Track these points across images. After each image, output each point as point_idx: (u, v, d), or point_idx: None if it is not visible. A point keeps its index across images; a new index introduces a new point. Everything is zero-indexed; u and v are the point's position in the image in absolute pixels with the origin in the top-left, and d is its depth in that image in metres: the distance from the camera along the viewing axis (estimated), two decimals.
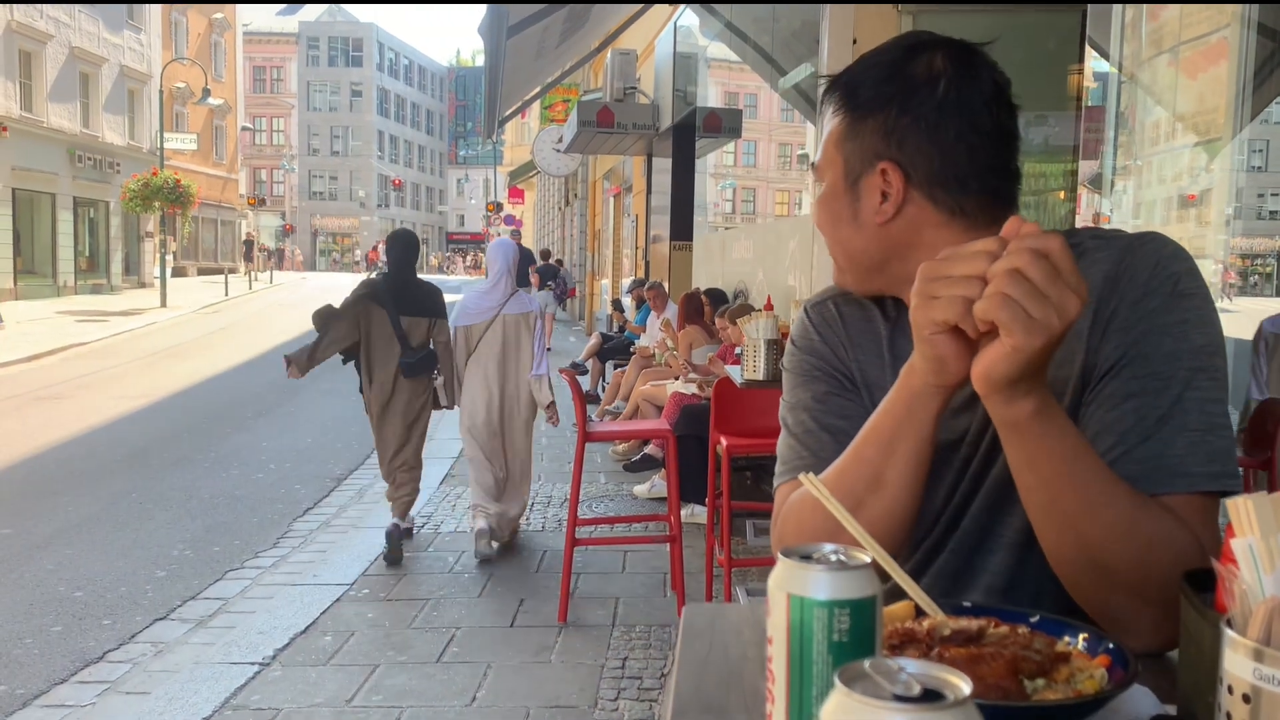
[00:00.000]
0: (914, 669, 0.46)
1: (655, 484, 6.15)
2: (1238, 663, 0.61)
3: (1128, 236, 1.06)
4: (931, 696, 0.43)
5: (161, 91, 25.88)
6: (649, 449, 6.88)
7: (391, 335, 5.02)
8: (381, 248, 5.64)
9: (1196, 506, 0.96)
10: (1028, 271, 0.78)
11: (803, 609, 0.59)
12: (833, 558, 0.61)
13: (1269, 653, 0.59)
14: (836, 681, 0.44)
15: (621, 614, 4.14)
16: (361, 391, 5.16)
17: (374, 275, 5.47)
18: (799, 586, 0.60)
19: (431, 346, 5.16)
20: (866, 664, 0.46)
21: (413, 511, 5.30)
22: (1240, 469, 1.00)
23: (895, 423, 0.95)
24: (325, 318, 5.00)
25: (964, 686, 0.44)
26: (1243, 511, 0.66)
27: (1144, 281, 1.01)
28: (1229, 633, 0.62)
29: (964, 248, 0.83)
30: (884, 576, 1.09)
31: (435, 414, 5.36)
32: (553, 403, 4.99)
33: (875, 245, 1.09)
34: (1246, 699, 0.60)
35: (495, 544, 4.95)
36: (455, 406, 5.15)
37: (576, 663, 3.64)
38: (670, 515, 4.21)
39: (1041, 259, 0.78)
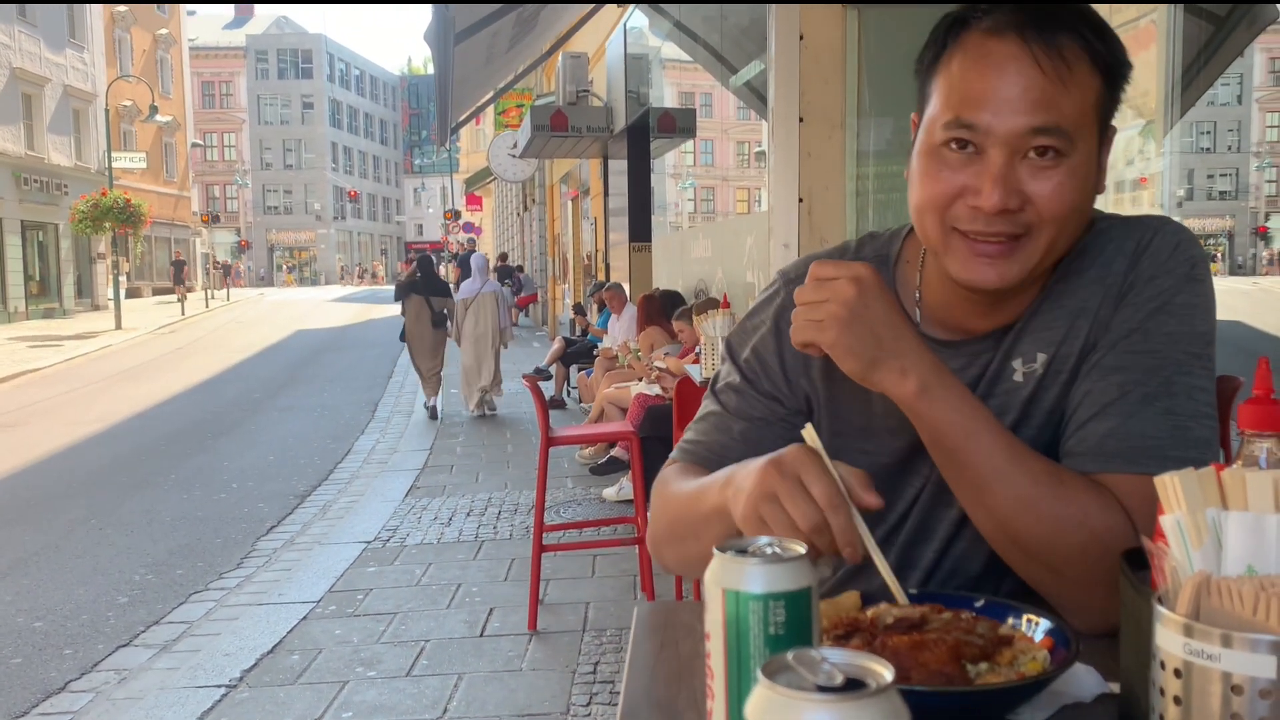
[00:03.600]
0: (837, 658, 0.46)
1: (623, 486, 6.13)
2: (1169, 638, 0.62)
3: (1143, 218, 1.06)
4: (854, 685, 0.43)
5: (107, 110, 25.36)
6: (615, 452, 6.86)
7: (420, 307, 9.57)
8: (413, 265, 9.17)
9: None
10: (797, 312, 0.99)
11: (738, 603, 0.59)
12: (767, 550, 0.62)
13: (1198, 627, 0.60)
14: (759, 675, 0.44)
15: (592, 619, 4.13)
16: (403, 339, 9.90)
17: (410, 277, 10.00)
18: (733, 581, 0.59)
19: (445, 312, 9.69)
20: (789, 655, 0.46)
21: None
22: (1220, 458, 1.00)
23: (714, 517, 0.97)
24: (397, 291, 10.01)
25: (886, 674, 0.44)
26: (1170, 488, 0.67)
27: (1164, 260, 1.01)
28: (1160, 609, 0.63)
29: None
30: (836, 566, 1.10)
31: (397, 433, 8.77)
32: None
33: None
34: (1178, 673, 0.61)
35: (487, 410, 9.71)
36: (456, 341, 9.68)
37: (547, 670, 3.62)
38: (638, 517, 4.21)
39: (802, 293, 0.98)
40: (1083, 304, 1.02)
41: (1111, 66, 0.97)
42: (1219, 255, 43.00)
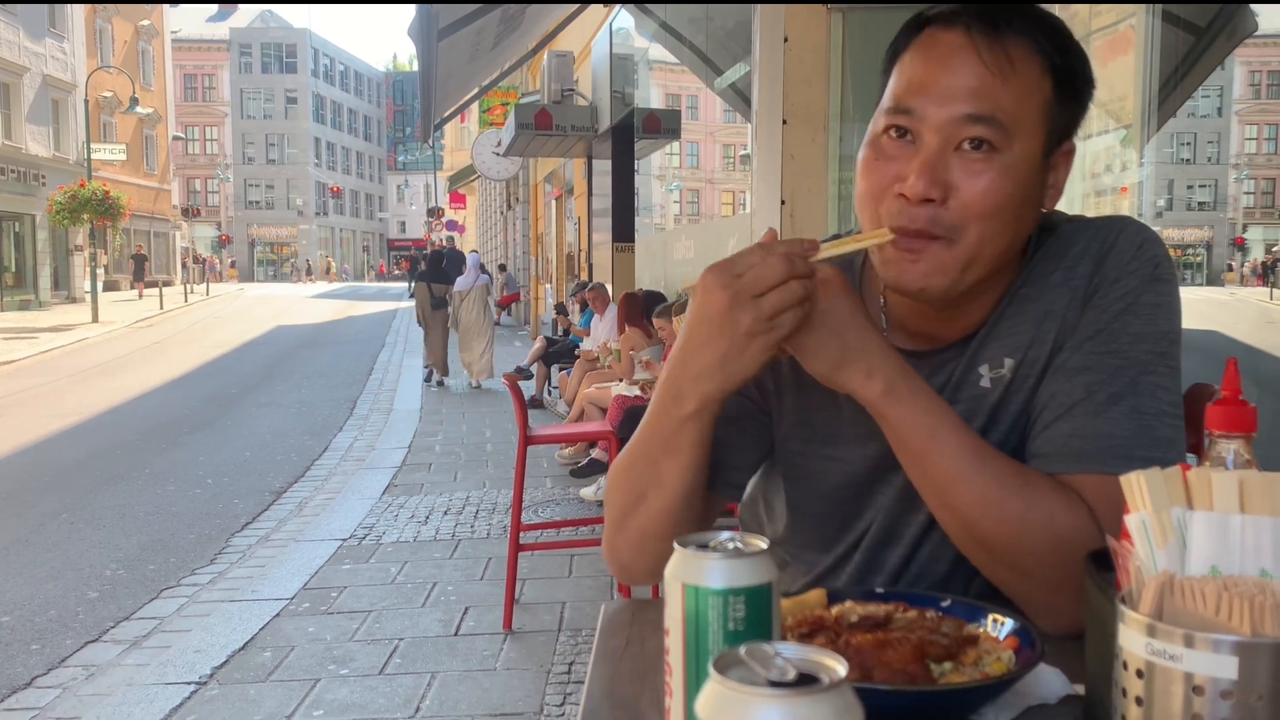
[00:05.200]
0: (790, 653, 0.45)
1: (601, 486, 6.12)
2: (1131, 638, 0.61)
3: (1106, 219, 1.06)
4: (807, 681, 0.43)
5: (87, 101, 25.15)
6: (595, 452, 6.85)
7: (428, 293, 12.01)
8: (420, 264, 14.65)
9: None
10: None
11: (698, 598, 0.58)
12: (728, 545, 0.61)
13: (1160, 627, 0.60)
14: (711, 670, 0.43)
15: (568, 618, 4.11)
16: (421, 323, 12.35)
17: (418, 267, 13.60)
18: (693, 576, 0.59)
19: (446, 298, 11.91)
20: (742, 650, 0.45)
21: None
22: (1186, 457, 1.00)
23: (669, 438, 0.98)
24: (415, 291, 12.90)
25: (840, 669, 0.44)
26: (1135, 487, 0.67)
27: (1127, 261, 1.00)
28: (1123, 609, 0.63)
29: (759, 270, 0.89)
30: (780, 565, 1.10)
31: (375, 430, 8.73)
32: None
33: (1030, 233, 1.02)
34: (1140, 674, 0.61)
35: (479, 383, 11.67)
36: (453, 325, 11.78)
37: (522, 670, 3.61)
38: None
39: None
40: (1049, 308, 1.02)
41: (1065, 75, 0.96)
42: (1230, 265, 42.62)
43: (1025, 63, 0.94)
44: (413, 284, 12.84)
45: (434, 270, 12.46)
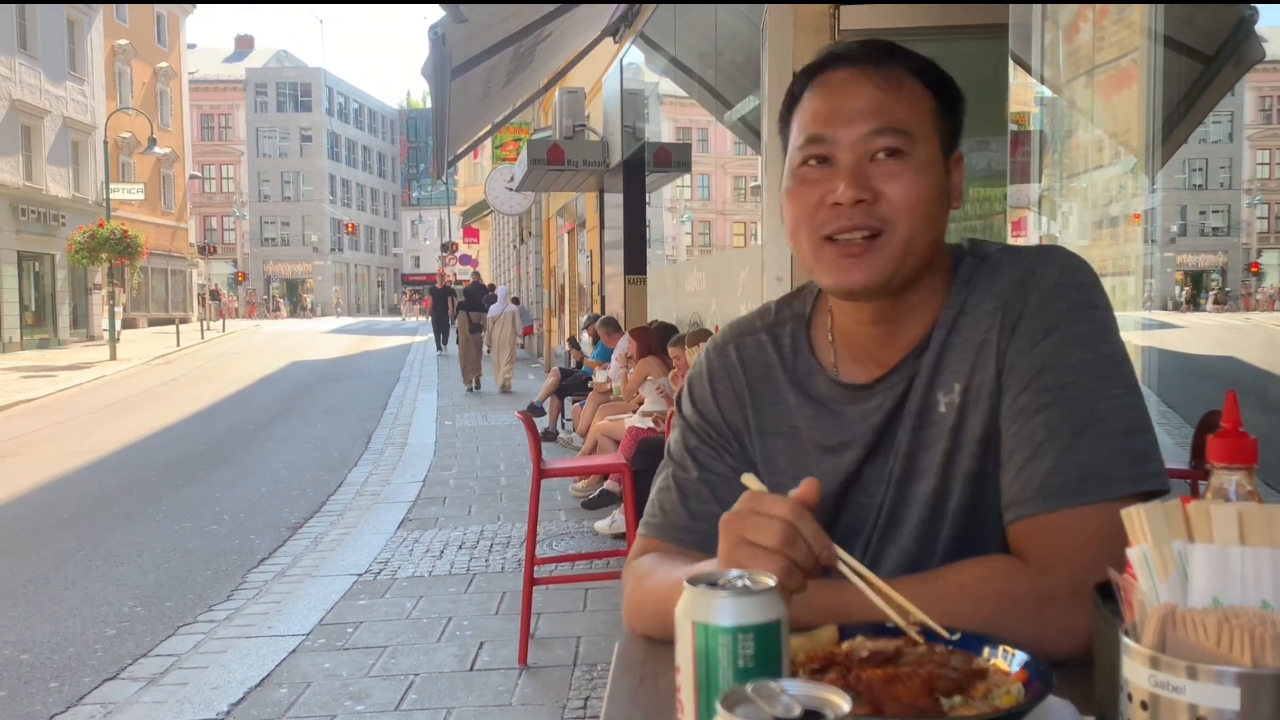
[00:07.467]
0: (795, 690, 0.46)
1: (615, 519, 6.11)
2: (1135, 670, 0.62)
3: (1035, 248, 1.10)
4: (812, 717, 0.44)
5: (106, 142, 25.50)
6: (608, 485, 6.85)
7: (467, 320, 15.43)
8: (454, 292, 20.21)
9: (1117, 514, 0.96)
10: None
11: (707, 636, 0.60)
12: (738, 583, 0.62)
13: (1164, 659, 0.60)
14: (718, 707, 0.45)
15: (583, 653, 4.10)
16: (457, 343, 16.28)
17: (459, 299, 17.46)
18: (703, 614, 0.60)
19: (480, 323, 15.27)
20: (749, 687, 0.46)
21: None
22: (1165, 467, 1.01)
23: None
24: (451, 317, 19.27)
25: (844, 705, 0.45)
26: (1136, 521, 0.68)
27: (1050, 287, 1.04)
28: (1126, 641, 0.63)
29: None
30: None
31: (390, 465, 8.93)
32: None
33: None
34: (1145, 706, 0.62)
35: (508, 388, 14.49)
36: (486, 344, 15.27)
37: (537, 705, 3.59)
38: (630, 550, 4.20)
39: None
40: (984, 336, 1.06)
41: (941, 88, 1.08)
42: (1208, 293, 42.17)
43: (910, 81, 1.06)
44: (457, 314, 16.48)
45: (473, 302, 16.17)
